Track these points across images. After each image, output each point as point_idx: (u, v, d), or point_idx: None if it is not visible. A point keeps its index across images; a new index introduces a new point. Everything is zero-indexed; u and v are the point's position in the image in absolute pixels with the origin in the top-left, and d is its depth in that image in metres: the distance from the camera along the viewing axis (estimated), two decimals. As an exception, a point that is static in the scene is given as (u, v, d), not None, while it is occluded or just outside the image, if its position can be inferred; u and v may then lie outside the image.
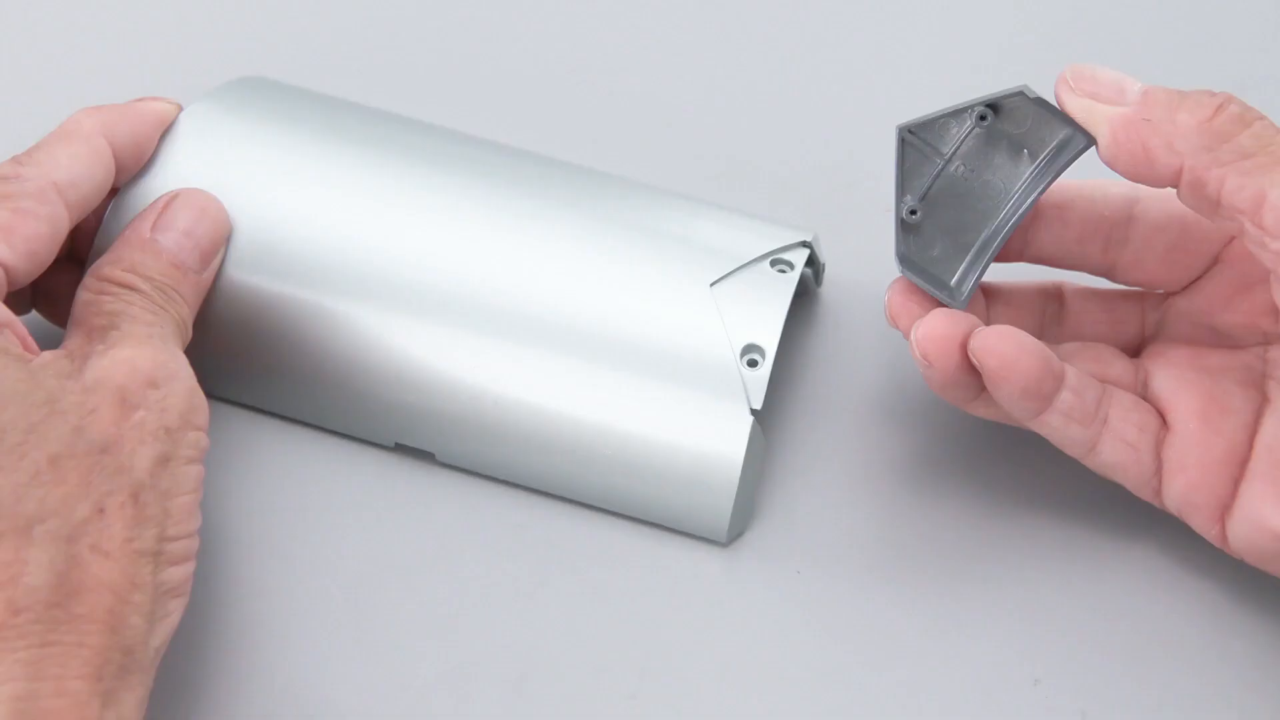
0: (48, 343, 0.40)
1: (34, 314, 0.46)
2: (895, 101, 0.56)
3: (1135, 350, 0.46)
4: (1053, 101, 0.41)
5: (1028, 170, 0.42)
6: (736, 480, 0.43)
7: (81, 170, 0.42)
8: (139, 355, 0.39)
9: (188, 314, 0.43)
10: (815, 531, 0.45)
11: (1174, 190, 0.40)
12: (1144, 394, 0.44)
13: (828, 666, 0.43)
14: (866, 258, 0.46)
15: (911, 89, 0.56)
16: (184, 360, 0.40)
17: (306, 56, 0.56)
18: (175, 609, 0.38)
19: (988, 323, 0.45)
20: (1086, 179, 0.44)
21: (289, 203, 0.45)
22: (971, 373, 0.42)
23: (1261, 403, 0.42)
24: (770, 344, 0.44)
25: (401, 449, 0.46)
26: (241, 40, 0.56)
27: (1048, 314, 0.46)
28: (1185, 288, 0.45)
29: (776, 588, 0.44)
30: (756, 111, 0.56)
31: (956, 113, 0.42)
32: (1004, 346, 0.41)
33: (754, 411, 0.43)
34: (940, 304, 0.43)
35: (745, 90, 0.56)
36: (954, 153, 0.42)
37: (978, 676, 0.43)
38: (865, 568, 0.45)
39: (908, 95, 0.56)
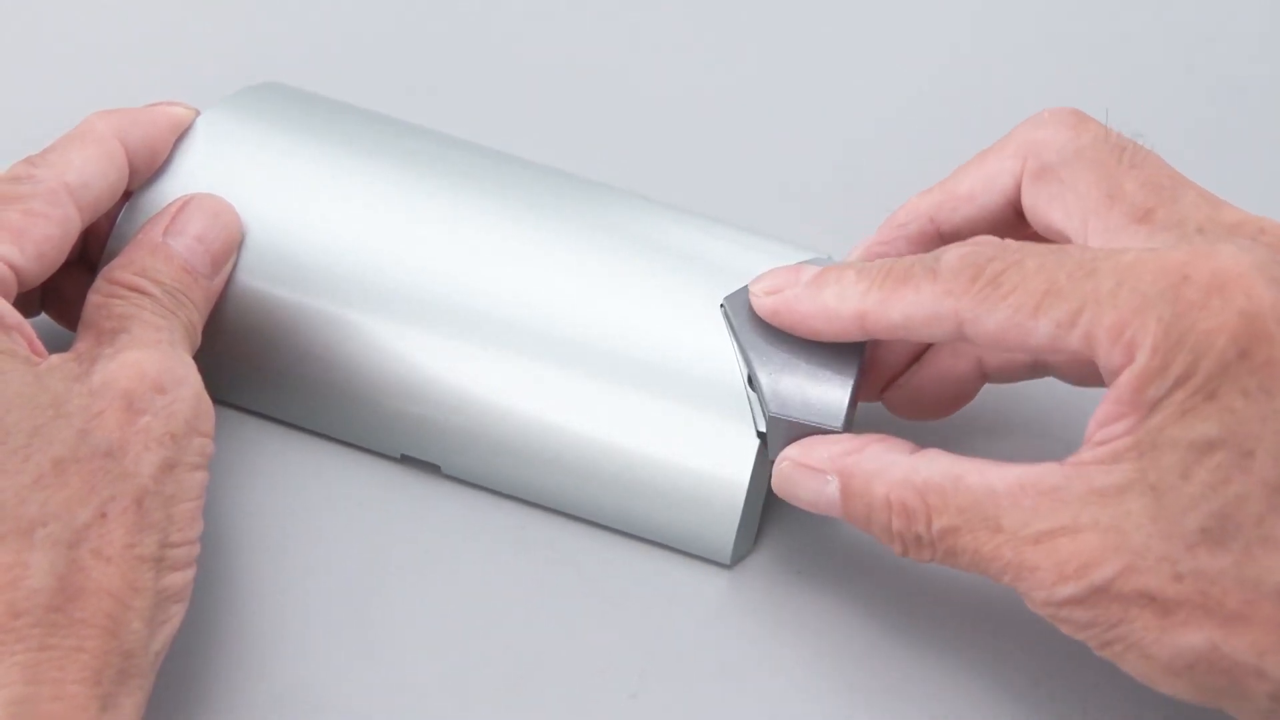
0: (57, 346, 0.40)
1: (44, 317, 0.46)
2: (913, 113, 0.56)
3: None
4: None
5: None
6: (741, 503, 0.43)
7: (94, 173, 0.42)
8: (146, 359, 0.39)
9: (197, 319, 0.43)
10: (819, 550, 0.45)
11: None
12: None
13: (827, 668, 0.43)
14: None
15: (928, 99, 0.57)
16: (192, 366, 0.40)
17: (324, 63, 0.56)
18: (176, 613, 0.38)
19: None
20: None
21: (302, 210, 0.45)
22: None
23: None
24: (778, 366, 0.44)
25: (407, 460, 0.46)
26: (259, 46, 0.57)
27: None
28: None
29: (780, 604, 0.44)
30: (772, 125, 0.56)
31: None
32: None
33: (760, 434, 0.43)
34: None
35: (762, 102, 0.57)
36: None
37: (978, 678, 0.43)
38: (869, 582, 0.45)
39: (924, 105, 0.57)
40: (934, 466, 0.38)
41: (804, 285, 0.41)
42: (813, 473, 0.41)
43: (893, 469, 0.39)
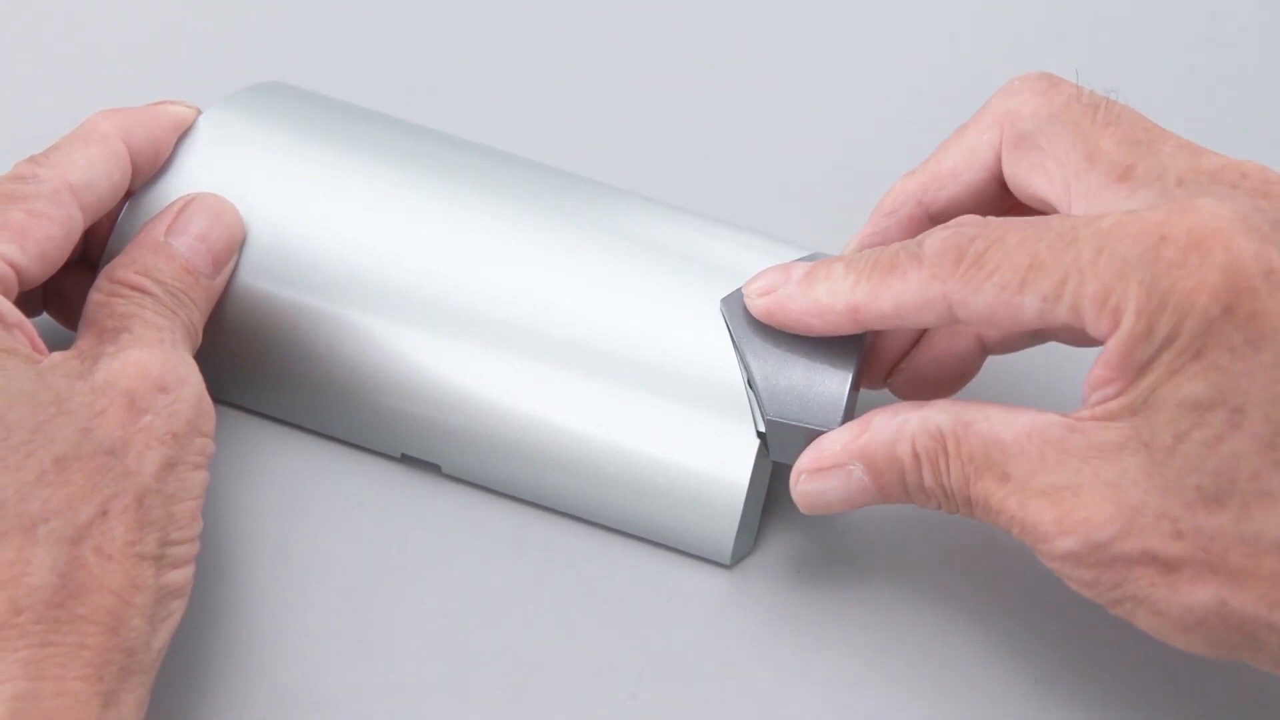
0: (58, 347, 0.40)
1: (45, 317, 0.46)
2: (912, 113, 0.56)
3: None
4: None
5: None
6: (741, 503, 0.43)
7: (97, 172, 0.42)
8: (149, 359, 0.39)
9: (199, 319, 0.43)
10: (819, 550, 0.45)
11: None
12: None
13: (827, 668, 0.43)
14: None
15: (927, 98, 0.57)
16: (193, 365, 0.41)
17: (324, 63, 0.56)
18: (176, 610, 0.38)
19: None
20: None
21: (304, 210, 0.45)
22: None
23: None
24: (778, 365, 0.44)
25: (407, 460, 0.46)
26: (259, 46, 0.57)
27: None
28: None
29: (780, 604, 0.44)
30: (772, 125, 0.56)
31: None
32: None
33: (760, 434, 0.43)
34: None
35: (762, 102, 0.57)
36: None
37: (979, 677, 0.43)
38: (869, 582, 0.45)
39: (923, 105, 0.57)
40: (944, 414, 0.38)
41: (795, 283, 0.41)
42: (834, 471, 0.40)
43: (907, 425, 0.39)
